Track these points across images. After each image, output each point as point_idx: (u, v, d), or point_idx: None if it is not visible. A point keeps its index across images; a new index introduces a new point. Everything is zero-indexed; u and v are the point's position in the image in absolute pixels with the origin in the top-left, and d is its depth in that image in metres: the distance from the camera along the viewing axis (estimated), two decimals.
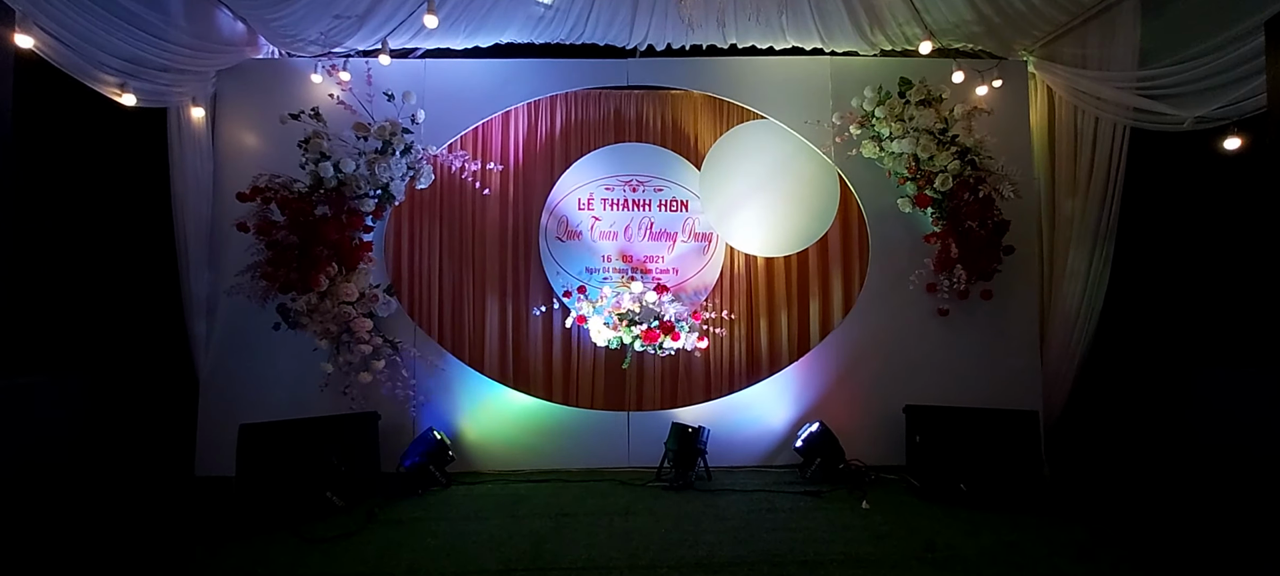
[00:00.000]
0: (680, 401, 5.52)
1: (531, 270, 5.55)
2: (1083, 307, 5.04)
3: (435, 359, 5.12)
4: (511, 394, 5.25)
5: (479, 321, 5.53)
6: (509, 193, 5.54)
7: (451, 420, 5.15)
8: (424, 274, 5.47)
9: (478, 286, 5.54)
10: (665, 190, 5.49)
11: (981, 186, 4.59)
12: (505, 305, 5.55)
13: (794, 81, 5.22)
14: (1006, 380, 5.11)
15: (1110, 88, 4.59)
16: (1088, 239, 4.93)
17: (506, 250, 5.54)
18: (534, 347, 5.55)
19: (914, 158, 4.72)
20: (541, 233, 5.49)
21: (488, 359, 5.50)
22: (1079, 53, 4.89)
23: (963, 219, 4.67)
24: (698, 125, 5.58)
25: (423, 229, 5.47)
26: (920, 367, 5.13)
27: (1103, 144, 4.78)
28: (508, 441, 5.18)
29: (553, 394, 5.52)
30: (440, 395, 5.14)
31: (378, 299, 4.76)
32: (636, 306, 5.15)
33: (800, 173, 5.35)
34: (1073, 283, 5.06)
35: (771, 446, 5.20)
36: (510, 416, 5.20)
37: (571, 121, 5.56)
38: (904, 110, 4.70)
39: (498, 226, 5.53)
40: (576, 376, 5.58)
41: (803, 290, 5.59)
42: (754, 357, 5.59)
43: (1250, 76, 3.70)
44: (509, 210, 5.53)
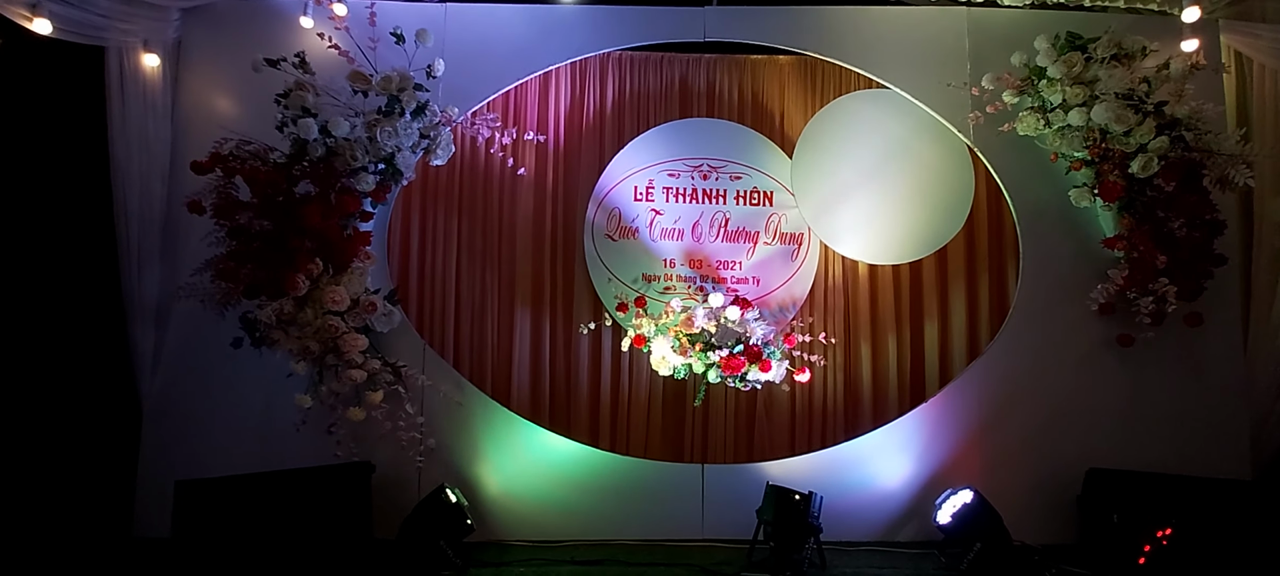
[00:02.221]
0: (759, 452, 4.29)
1: (575, 276, 4.36)
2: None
3: (451, 390, 3.90)
4: (547, 437, 4.02)
5: (506, 341, 4.33)
6: (547, 177, 4.36)
7: (470, 471, 3.92)
8: (438, 278, 4.28)
9: (505, 296, 4.34)
10: (744, 178, 4.31)
11: (1205, 171, 3.37)
12: (541, 321, 4.35)
13: (919, 40, 4.02)
14: (1203, 434, 3.84)
15: None
16: None
17: (544, 250, 4.35)
18: (578, 377, 4.34)
19: (1101, 132, 3.50)
20: (587, 229, 4.30)
21: (516, 390, 4.29)
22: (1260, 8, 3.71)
23: (1168, 217, 3.44)
24: (785, 99, 4.41)
25: (437, 219, 4.29)
26: (1087, 415, 3.87)
27: None
28: (543, 500, 3.94)
29: (599, 437, 4.30)
30: (456, 438, 3.92)
31: (376, 308, 3.57)
32: (713, 325, 3.93)
33: (923, 157, 4.15)
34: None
35: (891, 517, 3.94)
36: (546, 467, 3.97)
37: (626, 91, 4.40)
38: (1088, 69, 3.49)
39: (532, 219, 4.34)
40: (627, 415, 4.35)
41: (917, 309, 4.37)
42: (854, 396, 4.36)
43: None
44: (547, 199, 4.35)
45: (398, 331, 3.80)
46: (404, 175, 3.60)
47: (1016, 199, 3.95)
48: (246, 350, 3.52)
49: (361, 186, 3.47)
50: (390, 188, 3.63)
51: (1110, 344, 3.86)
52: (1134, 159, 3.43)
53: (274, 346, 3.49)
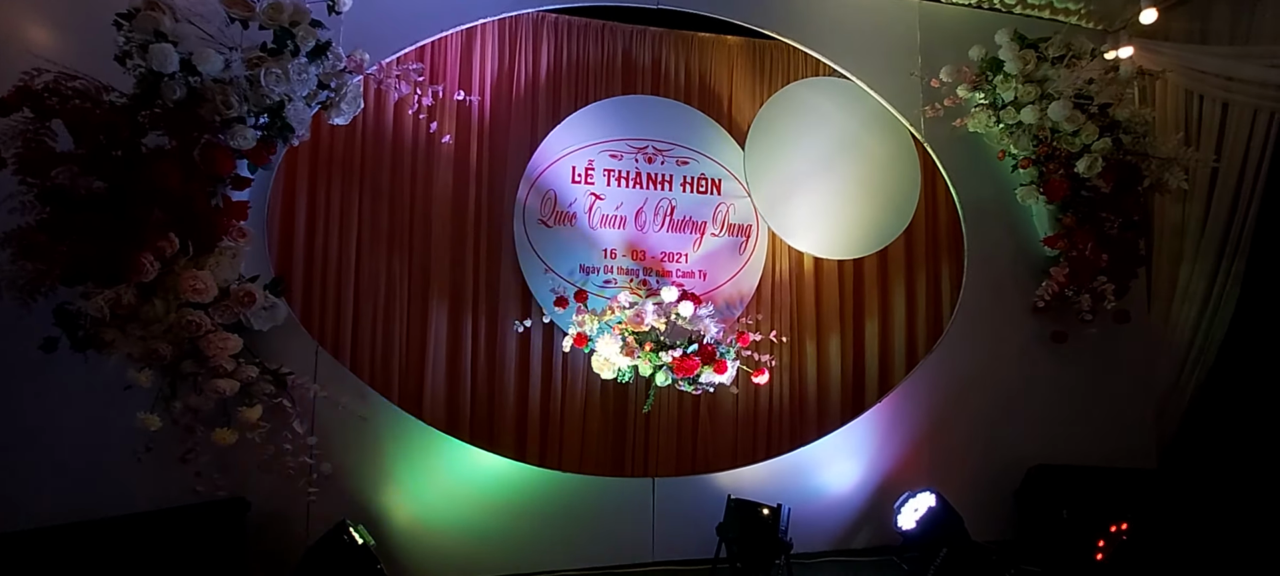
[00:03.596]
0: (704, 461, 3.95)
1: (501, 266, 3.78)
2: (1198, 337, 4.11)
3: (351, 402, 3.19)
4: (469, 453, 3.42)
5: (419, 341, 3.66)
6: (471, 151, 3.74)
7: (376, 502, 3.22)
8: (333, 265, 3.52)
9: (418, 288, 3.67)
10: (692, 164, 3.96)
11: (1145, 173, 3.49)
12: (460, 318, 3.72)
13: (872, 28, 3.90)
14: (1115, 428, 4.04)
15: (1255, 66, 3.72)
16: (1211, 253, 4.02)
17: (465, 235, 3.72)
18: (504, 382, 3.75)
19: (1050, 132, 3.54)
20: (518, 212, 3.75)
21: (430, 399, 3.63)
22: (1196, 27, 4.02)
23: (1107, 217, 3.54)
24: (734, 82, 4.12)
25: (333, 193, 3.53)
26: (1023, 411, 3.93)
27: (1236, 137, 3.91)
28: (467, 529, 3.34)
29: (527, 451, 3.75)
30: (358, 461, 3.20)
31: (254, 301, 2.79)
32: (663, 323, 3.54)
33: (871, 151, 4.04)
34: (1187, 306, 4.12)
35: (845, 523, 3.75)
36: (469, 489, 3.37)
37: (563, 60, 3.89)
38: (1038, 68, 3.51)
39: (452, 199, 3.71)
40: (560, 425, 3.84)
41: (860, 307, 4.25)
42: (799, 398, 4.15)
43: None
44: (470, 176, 3.74)
45: (282, 330, 3.02)
46: (296, 133, 2.86)
47: (962, 196, 3.93)
48: (64, 355, 2.60)
49: (237, 143, 2.69)
50: (275, 147, 2.86)
51: (1045, 341, 3.95)
52: (1079, 159, 3.50)
53: (106, 350, 2.60)
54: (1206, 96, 3.94)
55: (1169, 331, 4.15)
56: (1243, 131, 3.88)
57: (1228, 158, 3.90)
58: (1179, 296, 4.15)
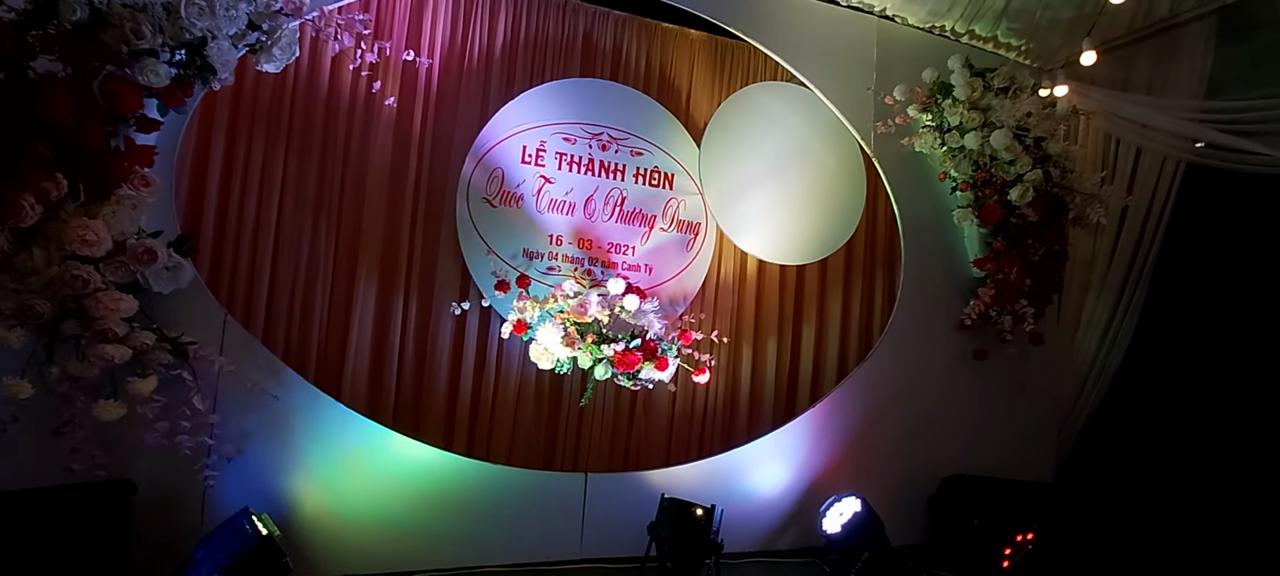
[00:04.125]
0: (634, 458, 3.89)
1: (440, 243, 3.57)
2: (1098, 362, 4.43)
3: (261, 378, 2.91)
4: (392, 439, 3.21)
5: (342, 317, 3.40)
6: (415, 118, 3.50)
7: (284, 488, 2.96)
8: (250, 227, 3.21)
9: (345, 259, 3.41)
10: (646, 156, 3.88)
11: (1070, 206, 3.70)
12: (390, 294, 3.48)
13: (833, 39, 3.94)
14: (1022, 442, 4.29)
15: (1169, 117, 4.02)
16: (1115, 285, 4.33)
17: (402, 207, 3.49)
18: (435, 366, 3.55)
19: (990, 158, 3.69)
20: (462, 188, 3.55)
21: (351, 379, 3.39)
22: (1120, 75, 4.31)
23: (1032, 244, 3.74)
24: (693, 78, 4.06)
25: (255, 148, 3.22)
26: (942, 423, 4.10)
27: (1145, 180, 4.22)
28: (385, 521, 3.13)
29: (454, 440, 3.57)
30: (266, 444, 2.93)
31: (155, 258, 2.48)
32: (606, 315, 3.44)
33: (823, 159, 4.09)
34: (1090, 333, 4.43)
35: (772, 525, 3.79)
36: (389, 478, 3.16)
37: (521, 34, 3.71)
38: (984, 97, 3.66)
39: (390, 167, 3.46)
40: (490, 414, 3.68)
41: (799, 313, 4.31)
42: (733, 399, 4.16)
43: None
44: (412, 145, 3.50)
45: (187, 295, 2.71)
46: (217, 75, 2.55)
47: (903, 212, 4.05)
48: None
49: (147, 79, 2.37)
50: (192, 89, 2.55)
51: (966, 357, 4.13)
52: (1013, 187, 3.67)
53: None
54: (1123, 140, 4.23)
55: (1073, 355, 4.44)
56: (1152, 175, 4.18)
57: (1137, 198, 4.21)
58: (1084, 323, 4.45)
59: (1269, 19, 3.64)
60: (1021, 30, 3.96)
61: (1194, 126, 3.86)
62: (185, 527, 2.67)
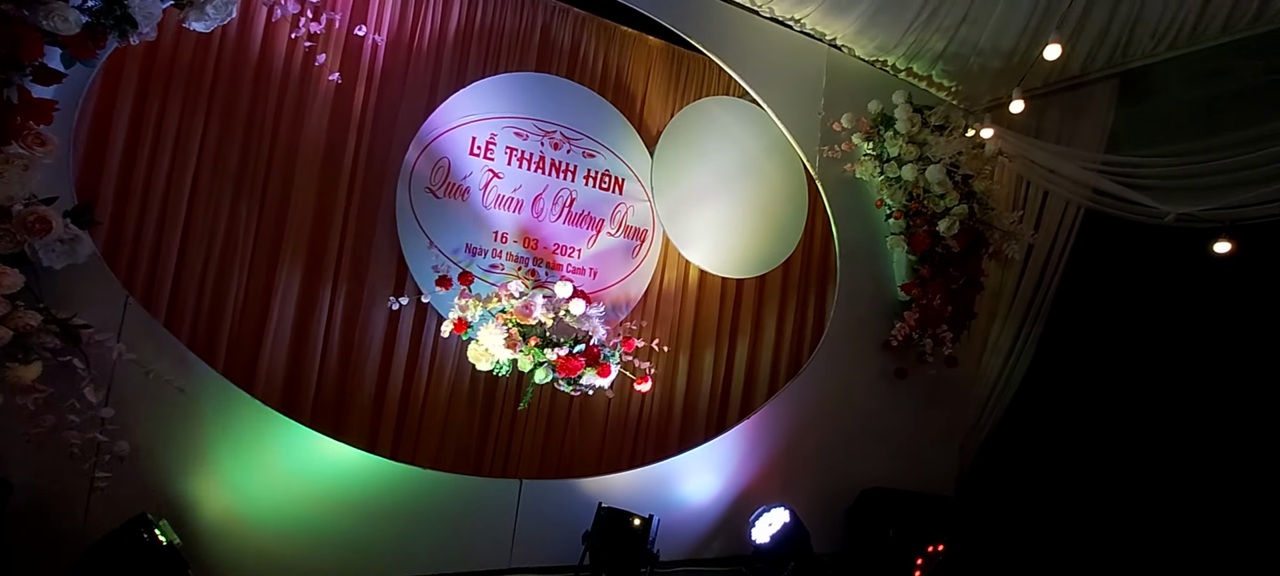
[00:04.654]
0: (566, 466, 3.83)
1: (376, 233, 3.36)
2: (999, 385, 4.80)
3: (165, 368, 2.63)
4: (310, 440, 2.99)
5: (260, 304, 3.14)
6: (356, 96, 3.27)
7: (186, 491, 2.68)
8: (159, 200, 2.90)
9: (267, 242, 3.15)
10: (598, 158, 3.83)
11: (990, 241, 3.98)
12: (316, 284, 3.24)
13: (786, 61, 4.04)
14: (930, 458, 4.58)
15: (1074, 166, 4.41)
16: (1018, 315, 4.70)
17: (337, 191, 3.25)
18: (364, 363, 3.34)
19: (924, 190, 3.91)
20: (404, 176, 3.35)
21: (266, 372, 3.13)
22: (1033, 123, 4.69)
23: (955, 274, 3.99)
24: (650, 85, 4.04)
25: (170, 113, 2.90)
26: (862, 437, 4.31)
27: (1049, 220, 4.61)
28: (299, 527, 2.91)
29: (379, 442, 3.38)
30: (168, 441, 2.65)
31: (49, 228, 2.18)
32: (550, 318, 3.37)
33: (769, 177, 4.19)
34: (994, 358, 4.79)
35: (701, 533, 3.84)
36: (307, 482, 2.94)
37: (476, 21, 3.55)
38: (921, 132, 3.87)
39: (325, 146, 3.22)
40: (420, 416, 3.51)
41: (736, 326, 4.39)
42: (668, 408, 4.19)
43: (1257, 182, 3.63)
44: (351, 125, 3.27)
45: (83, 272, 2.41)
46: (138, 28, 2.27)
47: (841, 235, 4.22)
48: None
49: (53, 24, 2.06)
50: (106, 41, 2.26)
51: (888, 376, 4.36)
52: (942, 219, 3.91)
53: None
54: (1033, 183, 4.60)
55: (977, 378, 4.79)
56: (1055, 218, 4.56)
57: (1042, 237, 4.59)
58: (989, 349, 4.80)
59: (1163, 86, 4.07)
60: (954, 73, 4.22)
61: (1093, 176, 4.25)
62: (69, 535, 2.36)
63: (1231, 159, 3.65)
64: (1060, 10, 3.60)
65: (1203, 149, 3.81)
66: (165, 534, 2.40)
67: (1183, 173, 3.88)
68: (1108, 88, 4.31)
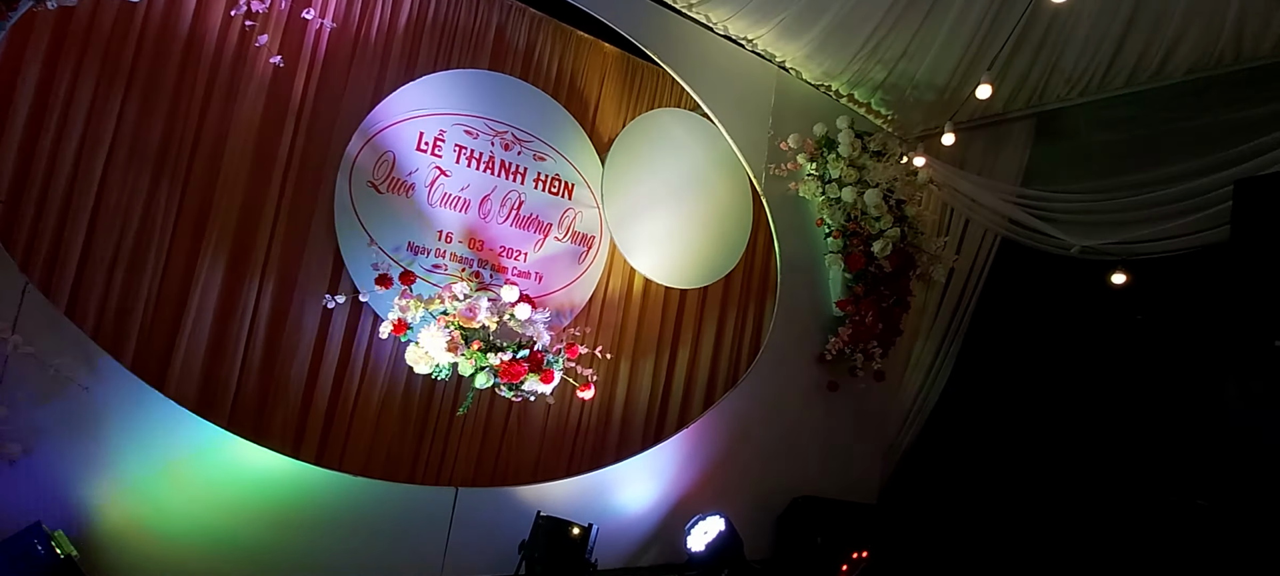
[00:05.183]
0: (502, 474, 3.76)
1: (312, 227, 3.19)
2: (919, 399, 5.08)
3: (67, 363, 2.40)
4: (228, 443, 2.80)
5: (177, 296, 2.92)
6: (297, 80, 3.10)
7: (87, 499, 2.46)
8: (64, 178, 2.65)
9: (189, 230, 2.94)
10: (548, 162, 3.79)
11: (918, 263, 4.20)
12: (242, 277, 3.06)
13: (738, 79, 4.13)
14: (857, 467, 4.79)
15: (993, 196, 4.73)
16: (939, 333, 4.99)
17: (270, 180, 3.07)
18: (293, 362, 3.16)
19: (861, 211, 4.09)
20: (345, 168, 3.21)
21: (180, 369, 2.91)
22: (959, 154, 5.00)
23: (886, 293, 4.20)
24: (603, 92, 4.03)
25: (82, 85, 2.66)
26: (795, 447, 4.45)
27: (970, 245, 4.92)
28: (215, 537, 2.72)
29: (304, 447, 3.21)
30: (67, 444, 2.42)
31: None
32: (494, 322, 3.30)
33: (717, 190, 4.27)
34: (915, 373, 5.07)
35: (637, 542, 3.85)
36: (222, 488, 2.76)
37: (429, 13, 3.44)
38: (861, 157, 4.05)
39: (258, 130, 3.04)
40: (349, 420, 3.36)
41: (677, 335, 4.44)
42: (607, 416, 4.18)
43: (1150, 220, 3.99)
44: (289, 110, 3.10)
45: None
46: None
47: (783, 251, 4.35)
48: None
49: None
50: (17, 4, 2.04)
51: (821, 388, 4.53)
52: (876, 240, 4.10)
53: None
54: (957, 210, 4.90)
55: (900, 392, 5.05)
56: (974, 243, 4.87)
57: (963, 260, 4.89)
58: (911, 365, 5.07)
59: (1074, 129, 4.43)
60: (892, 103, 4.44)
61: (1010, 206, 4.57)
62: None
63: (1131, 198, 4.02)
64: (989, 54, 3.86)
65: (1106, 188, 4.18)
66: (62, 545, 2.20)
67: (1087, 208, 4.24)
68: (1025, 126, 4.66)
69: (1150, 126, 4.04)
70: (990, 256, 4.85)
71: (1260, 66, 3.53)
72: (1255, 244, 3.24)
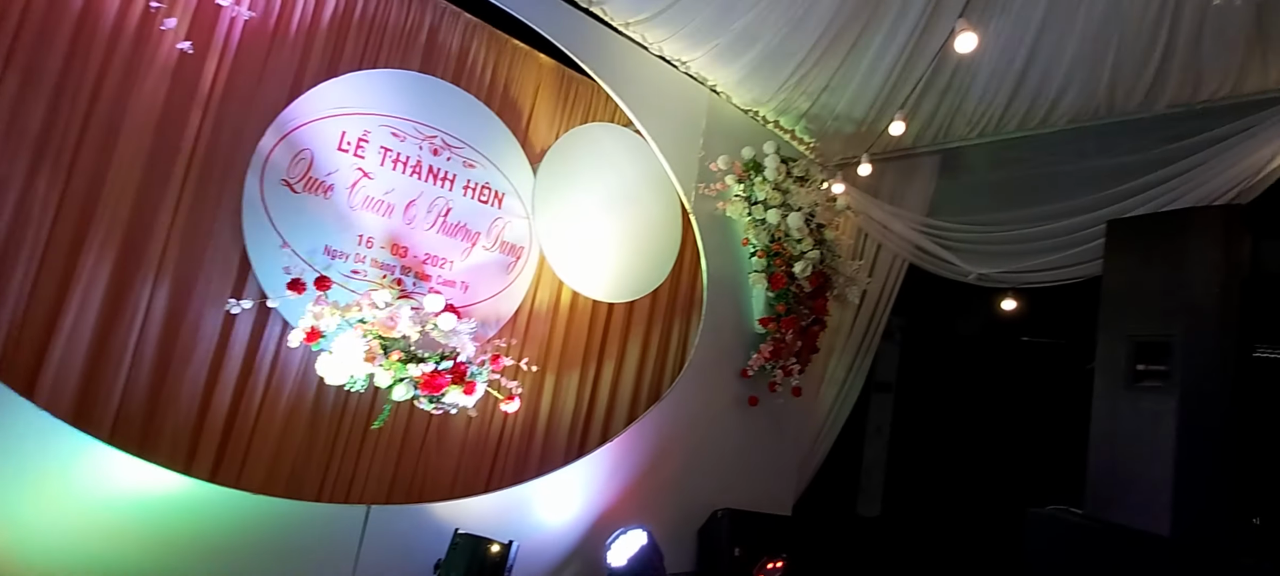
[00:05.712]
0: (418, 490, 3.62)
1: (216, 225, 2.97)
2: (832, 413, 5.33)
3: None
4: (108, 457, 2.55)
5: (54, 296, 2.65)
6: (207, 68, 2.89)
7: None
8: None
9: (72, 221, 2.67)
10: (479, 169, 3.71)
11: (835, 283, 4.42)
12: (132, 276, 2.80)
13: (671, 97, 4.21)
14: (774, 480, 4.96)
15: (902, 224, 5.07)
16: (851, 351, 5.27)
17: (171, 174, 2.84)
18: (186, 372, 2.92)
19: (785, 233, 4.27)
20: (257, 165, 3.01)
21: (55, 376, 2.63)
22: (873, 183, 5.32)
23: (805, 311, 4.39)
24: (537, 102, 4.00)
25: None
26: (716, 460, 4.55)
27: (881, 268, 5.23)
28: (94, 564, 2.45)
29: (197, 462, 2.96)
30: None
31: None
32: (417, 331, 3.18)
33: (649, 207, 4.32)
34: (829, 389, 5.32)
35: (558, 558, 3.80)
36: (101, 508, 2.50)
37: (357, 9, 3.29)
38: (785, 181, 4.23)
39: (159, 119, 2.80)
40: (250, 434, 3.14)
41: (603, 349, 4.44)
42: (530, 429, 4.12)
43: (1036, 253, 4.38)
44: (198, 99, 2.87)
45: None
46: None
47: (710, 268, 4.45)
48: None
49: None
50: None
51: (742, 403, 4.65)
52: (797, 261, 4.29)
53: None
54: (871, 235, 5.20)
55: (815, 407, 5.27)
56: (884, 267, 5.20)
57: (874, 283, 5.19)
58: (825, 381, 5.32)
59: (973, 166, 4.82)
60: (815, 132, 4.68)
61: (917, 234, 4.90)
62: None
63: (1020, 231, 4.41)
64: (902, 93, 4.14)
65: (999, 221, 4.56)
66: None
67: (983, 239, 4.61)
68: (932, 161, 5.02)
69: (1037, 167, 4.46)
70: (898, 279, 5.18)
71: (1129, 120, 3.97)
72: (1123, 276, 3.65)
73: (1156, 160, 3.84)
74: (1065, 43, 3.64)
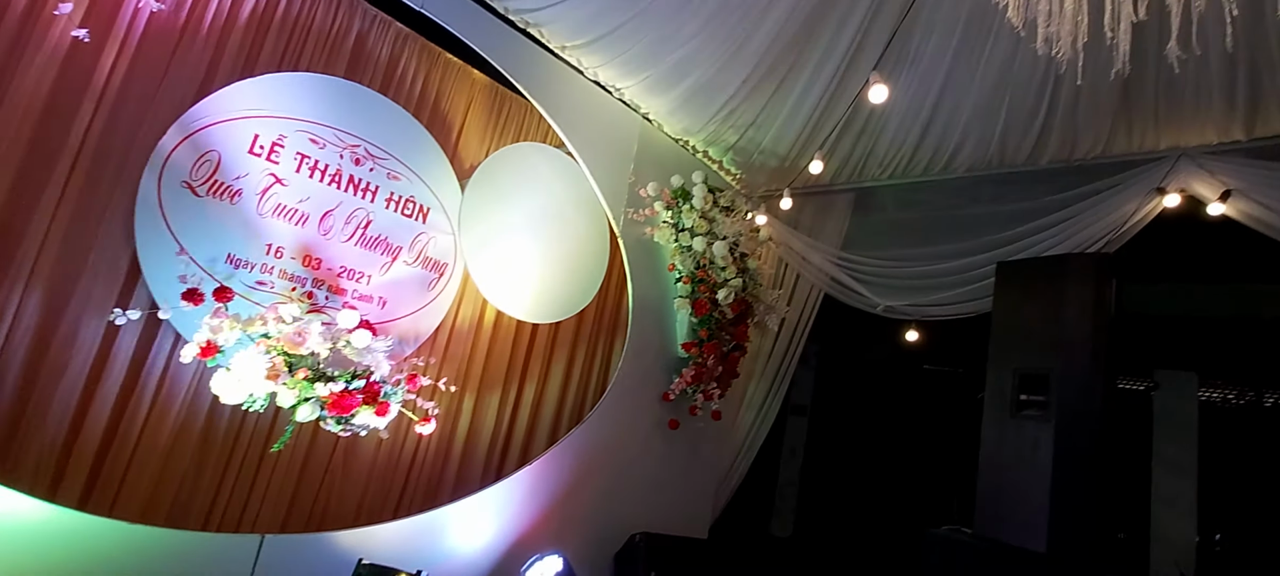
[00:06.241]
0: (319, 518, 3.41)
1: (103, 228, 2.71)
2: (749, 436, 5.48)
3: None
4: None
5: None
6: (105, 55, 2.65)
7: None
8: None
9: None
10: (403, 182, 3.59)
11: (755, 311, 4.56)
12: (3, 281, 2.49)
13: (603, 122, 4.25)
14: (692, 503, 5.02)
15: (819, 256, 5.32)
16: (769, 376, 5.45)
17: (54, 168, 2.58)
18: (57, 388, 2.63)
19: (710, 261, 4.38)
20: (155, 165, 2.78)
21: None
22: (794, 216, 5.57)
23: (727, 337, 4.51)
24: (468, 118, 3.92)
25: None
26: (636, 483, 4.55)
27: (799, 297, 5.46)
28: None
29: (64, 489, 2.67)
30: None
31: None
32: (327, 348, 3.02)
33: (577, 228, 4.31)
34: (747, 413, 5.47)
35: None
36: None
37: (279, 8, 3.13)
38: (713, 211, 4.36)
39: (45, 107, 2.54)
40: (130, 457, 2.86)
41: (526, 370, 4.37)
42: (446, 451, 3.98)
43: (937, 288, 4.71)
44: (91, 88, 2.63)
45: None
46: None
47: (635, 292, 4.49)
48: None
49: None
50: None
51: (663, 426, 4.69)
52: (721, 289, 4.40)
53: None
54: (790, 265, 5.43)
55: (733, 430, 5.40)
56: (802, 295, 5.43)
57: (792, 311, 5.40)
58: (744, 405, 5.46)
59: (883, 205, 5.15)
60: (741, 164, 4.86)
61: (832, 266, 5.16)
62: None
63: (924, 267, 4.73)
64: (822, 134, 4.38)
65: (905, 257, 4.88)
66: None
67: (891, 274, 4.91)
68: (846, 198, 5.31)
69: (939, 210, 4.82)
70: (815, 307, 5.42)
71: (1018, 172, 4.37)
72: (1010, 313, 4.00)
73: (1040, 209, 4.25)
74: (965, 98, 3.97)
